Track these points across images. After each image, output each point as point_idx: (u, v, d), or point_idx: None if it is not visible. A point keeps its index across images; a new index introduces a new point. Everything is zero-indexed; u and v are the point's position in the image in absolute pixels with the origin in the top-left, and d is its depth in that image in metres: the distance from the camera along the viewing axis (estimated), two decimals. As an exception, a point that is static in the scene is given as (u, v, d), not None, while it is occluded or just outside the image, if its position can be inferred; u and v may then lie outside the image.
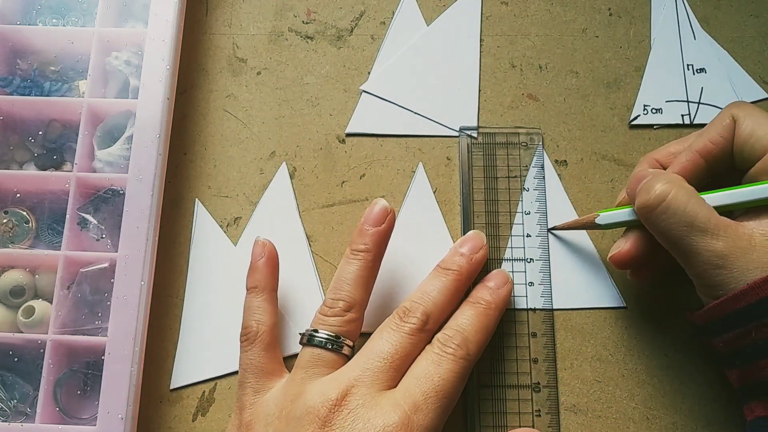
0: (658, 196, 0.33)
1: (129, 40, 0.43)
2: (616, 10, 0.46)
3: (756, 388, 0.33)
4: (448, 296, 0.36)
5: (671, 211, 0.33)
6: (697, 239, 0.32)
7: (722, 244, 0.32)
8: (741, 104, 0.36)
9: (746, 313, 0.32)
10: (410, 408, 0.32)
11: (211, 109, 0.45)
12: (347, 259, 0.37)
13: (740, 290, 0.32)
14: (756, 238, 0.32)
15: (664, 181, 0.34)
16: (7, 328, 0.39)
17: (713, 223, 0.32)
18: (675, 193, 0.33)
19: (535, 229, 0.42)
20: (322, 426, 0.32)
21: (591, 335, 0.40)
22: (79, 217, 0.40)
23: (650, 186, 0.34)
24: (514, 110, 0.44)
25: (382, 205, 0.37)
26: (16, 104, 0.42)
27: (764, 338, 0.31)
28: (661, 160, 0.39)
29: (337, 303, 0.36)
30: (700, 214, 0.32)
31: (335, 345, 0.35)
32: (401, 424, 0.31)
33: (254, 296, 0.38)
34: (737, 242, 0.32)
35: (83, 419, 0.38)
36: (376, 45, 0.46)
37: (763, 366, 0.32)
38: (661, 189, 0.33)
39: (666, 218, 0.33)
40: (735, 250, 0.32)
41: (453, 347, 0.34)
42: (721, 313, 0.33)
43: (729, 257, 0.32)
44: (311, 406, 0.32)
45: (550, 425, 0.39)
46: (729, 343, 0.33)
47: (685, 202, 0.33)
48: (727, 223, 0.32)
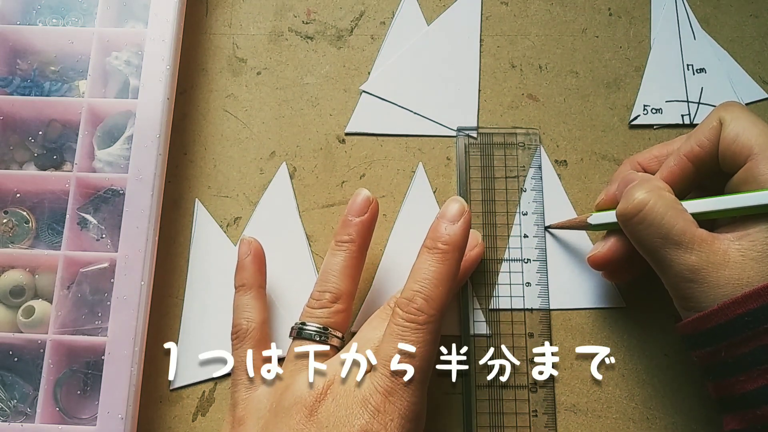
0: (636, 206, 0.33)
1: (129, 40, 0.43)
2: (616, 10, 0.46)
3: (729, 403, 0.33)
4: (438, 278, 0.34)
5: (648, 222, 0.33)
6: (670, 251, 0.32)
7: (695, 258, 0.32)
8: (730, 106, 0.35)
9: (715, 334, 0.32)
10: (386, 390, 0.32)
11: (211, 109, 0.45)
12: (332, 251, 0.37)
13: (710, 311, 0.31)
14: (731, 254, 0.32)
15: (645, 190, 0.33)
16: (7, 328, 0.39)
17: (688, 236, 0.32)
18: (653, 203, 0.33)
19: (532, 230, 0.42)
20: (309, 415, 0.32)
21: (591, 335, 0.40)
22: (79, 217, 0.40)
23: (631, 194, 0.34)
24: (514, 110, 0.44)
25: (365, 195, 0.37)
26: (16, 104, 0.42)
27: (734, 357, 0.31)
28: (644, 164, 0.38)
29: (323, 295, 0.36)
30: (676, 226, 0.32)
31: (323, 337, 0.35)
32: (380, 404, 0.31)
33: (242, 294, 0.38)
34: (711, 257, 0.32)
35: (83, 419, 0.38)
36: (376, 45, 0.46)
37: (734, 383, 0.32)
38: (640, 198, 0.33)
39: (642, 228, 0.33)
40: (708, 264, 0.31)
41: (414, 313, 0.32)
42: (693, 330, 0.33)
43: (701, 272, 0.32)
44: (299, 397, 0.33)
45: (547, 425, 0.39)
46: (702, 359, 0.33)
47: (663, 213, 0.32)
48: (703, 237, 0.32)
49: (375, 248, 0.42)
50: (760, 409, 0.31)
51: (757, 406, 0.31)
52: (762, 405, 0.31)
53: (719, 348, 0.32)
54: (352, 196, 0.38)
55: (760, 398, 0.31)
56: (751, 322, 0.30)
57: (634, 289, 0.41)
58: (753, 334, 0.30)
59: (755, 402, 0.31)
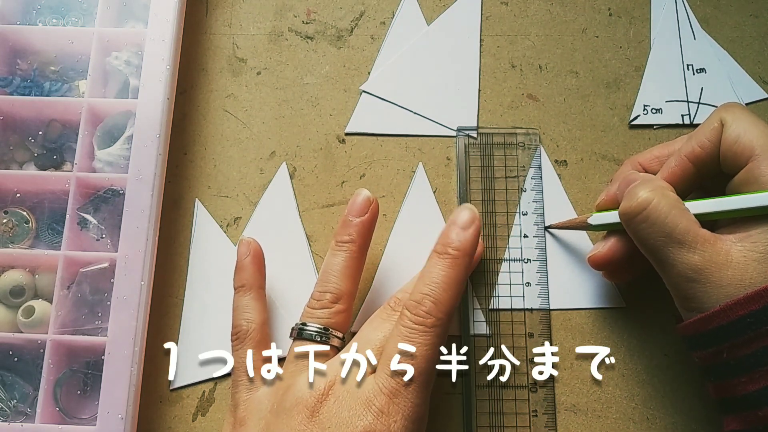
0: (639, 204, 0.33)
1: (129, 40, 0.43)
2: (616, 10, 0.46)
3: (730, 404, 0.33)
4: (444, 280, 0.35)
5: (651, 221, 0.33)
6: (673, 251, 0.32)
7: (698, 257, 0.32)
8: (731, 107, 0.35)
9: (717, 335, 0.32)
10: (390, 391, 0.32)
11: (211, 109, 0.45)
12: (333, 251, 0.37)
13: (712, 312, 0.31)
14: (733, 254, 0.31)
15: (648, 189, 0.33)
16: (7, 328, 0.39)
17: (691, 235, 0.32)
18: (657, 202, 0.33)
19: (532, 230, 0.42)
20: (311, 416, 0.32)
21: (591, 335, 0.40)
22: (79, 217, 0.40)
23: (634, 193, 0.34)
24: (514, 110, 0.44)
25: (365, 195, 0.37)
26: (16, 104, 0.42)
27: (736, 358, 0.31)
28: (645, 164, 0.38)
29: (324, 295, 0.36)
30: (679, 225, 0.32)
31: (324, 337, 0.35)
32: (384, 406, 0.31)
33: (242, 295, 0.38)
34: (714, 257, 0.31)
35: (83, 419, 0.38)
36: (376, 45, 0.46)
37: (736, 384, 0.32)
38: (644, 197, 0.33)
39: (645, 227, 0.33)
40: (710, 264, 0.31)
41: (422, 316, 0.33)
42: (694, 331, 0.33)
43: (704, 272, 0.31)
44: (300, 397, 0.33)
45: (547, 425, 0.39)
46: (703, 359, 0.33)
47: (666, 212, 0.32)
48: (705, 236, 0.32)
49: (375, 248, 0.42)
50: (761, 410, 0.31)
51: (759, 407, 0.31)
52: (764, 406, 0.31)
53: (721, 349, 0.32)
54: (353, 196, 0.38)
55: (761, 399, 0.31)
56: (753, 323, 0.30)
57: (634, 289, 0.41)
58: (755, 335, 0.30)
59: (757, 403, 0.31)
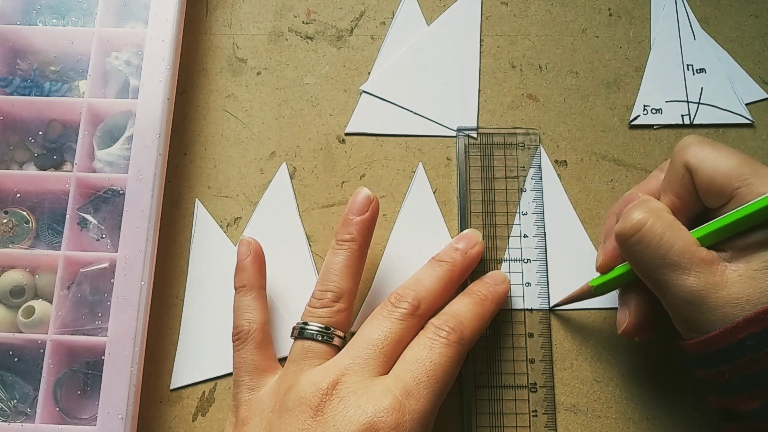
0: (633, 226, 0.32)
1: (129, 40, 0.43)
2: (616, 10, 0.46)
3: (732, 416, 0.32)
4: (440, 285, 0.36)
5: (645, 242, 0.32)
6: (668, 273, 0.31)
7: (693, 279, 0.31)
8: (687, 147, 0.33)
9: (718, 357, 0.31)
10: (401, 393, 0.32)
11: (211, 109, 0.45)
12: (333, 250, 0.37)
13: (711, 336, 0.31)
14: (728, 274, 0.31)
15: (643, 210, 0.32)
16: (7, 328, 0.39)
17: (687, 257, 0.31)
18: (652, 223, 0.32)
19: (532, 230, 0.42)
20: (314, 415, 0.32)
21: (591, 335, 0.40)
22: (79, 217, 0.40)
23: (629, 214, 0.33)
24: (514, 110, 0.44)
25: (365, 193, 0.37)
26: (16, 104, 0.42)
27: (737, 378, 0.31)
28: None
29: (325, 294, 0.36)
30: (674, 247, 0.31)
31: (325, 336, 0.35)
32: (392, 408, 0.32)
33: (243, 295, 0.38)
34: (710, 278, 0.31)
35: (83, 419, 0.38)
36: (376, 45, 0.46)
37: (738, 401, 0.31)
38: (639, 218, 0.32)
39: (640, 249, 0.32)
40: (707, 285, 0.31)
41: (447, 330, 0.34)
42: (695, 351, 0.32)
43: (700, 293, 0.31)
44: (303, 396, 0.33)
45: (547, 425, 0.39)
46: (705, 377, 0.33)
47: (661, 234, 0.32)
48: (702, 256, 0.31)
49: (375, 248, 0.42)
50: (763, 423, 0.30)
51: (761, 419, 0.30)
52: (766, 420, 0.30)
53: (723, 370, 0.31)
54: (353, 195, 0.38)
55: (763, 414, 0.30)
56: (753, 346, 0.30)
57: (634, 289, 0.41)
58: (757, 357, 0.30)
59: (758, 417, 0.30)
